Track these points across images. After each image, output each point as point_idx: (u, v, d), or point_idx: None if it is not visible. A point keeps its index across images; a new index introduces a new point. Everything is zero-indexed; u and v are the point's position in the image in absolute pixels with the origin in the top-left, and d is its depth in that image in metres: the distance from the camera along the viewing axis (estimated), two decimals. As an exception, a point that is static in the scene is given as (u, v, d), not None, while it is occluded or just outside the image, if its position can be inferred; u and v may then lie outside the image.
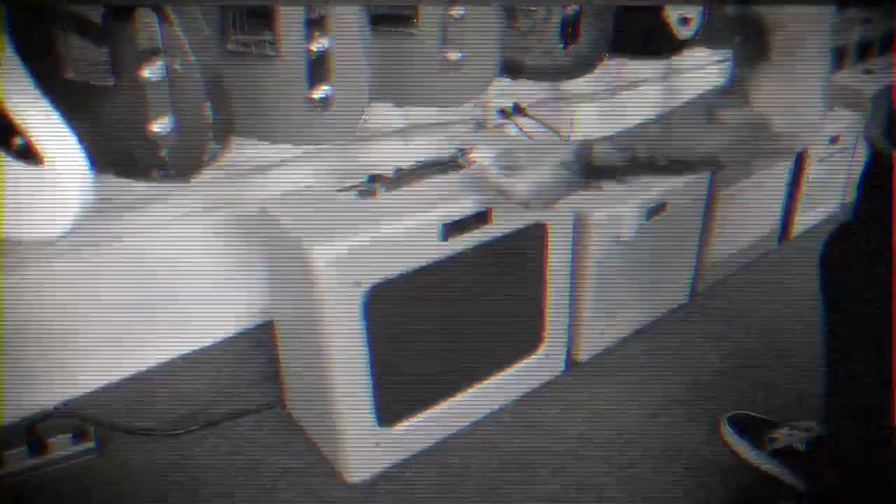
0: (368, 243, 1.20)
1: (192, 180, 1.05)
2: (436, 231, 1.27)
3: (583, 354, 1.72)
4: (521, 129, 1.94)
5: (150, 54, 0.95)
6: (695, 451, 1.46)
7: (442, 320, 1.38)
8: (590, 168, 1.06)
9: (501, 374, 1.53)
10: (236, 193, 1.65)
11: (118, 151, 1.02)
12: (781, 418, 1.46)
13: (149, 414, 1.52)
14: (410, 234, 1.25)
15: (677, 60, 2.26)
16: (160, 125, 0.98)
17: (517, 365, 1.56)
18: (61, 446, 1.40)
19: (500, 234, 1.36)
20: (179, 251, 1.63)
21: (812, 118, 0.86)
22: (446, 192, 1.32)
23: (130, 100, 0.97)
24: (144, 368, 1.65)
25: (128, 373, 1.62)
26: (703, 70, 2.45)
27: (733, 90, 0.87)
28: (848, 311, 1.15)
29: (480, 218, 1.31)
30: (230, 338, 1.77)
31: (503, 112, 1.92)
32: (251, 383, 1.61)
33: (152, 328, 1.63)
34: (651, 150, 0.97)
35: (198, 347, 1.72)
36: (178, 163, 1.02)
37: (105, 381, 1.59)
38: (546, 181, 1.10)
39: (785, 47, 0.83)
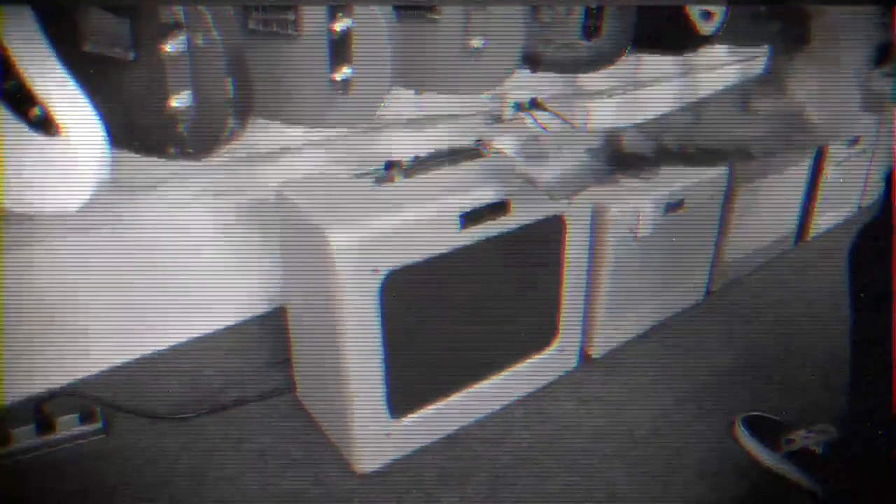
0: (386, 230, 1.18)
1: (207, 159, 1.03)
2: (453, 220, 1.25)
3: (596, 350, 1.70)
4: (537, 122, 1.92)
5: (173, 28, 0.93)
6: (707, 450, 1.44)
7: (456, 311, 1.36)
8: (617, 156, 1.04)
9: (514, 367, 1.52)
10: (248, 178, 1.64)
11: (135, 126, 1.00)
12: (796, 419, 1.44)
13: (157, 397, 1.51)
14: (428, 221, 1.23)
15: (695, 58, 2.23)
16: (179, 100, 0.96)
17: (530, 358, 1.54)
18: (68, 426, 1.39)
19: (517, 226, 1.34)
20: (190, 234, 1.61)
21: (849, 110, 0.84)
22: (464, 182, 1.30)
23: (150, 74, 0.95)
24: (153, 351, 1.64)
25: (136, 355, 1.61)
26: (720, 69, 2.43)
27: (769, 80, 0.85)
28: (864, 310, 1.13)
29: (499, 208, 1.30)
30: (242, 322, 1.76)
31: (519, 105, 1.91)
32: (261, 369, 1.60)
33: (162, 311, 1.61)
34: (681, 138, 0.95)
35: (208, 331, 1.71)
36: (196, 139, 1.00)
37: (114, 363, 1.58)
38: (572, 170, 1.08)
39: (825, 36, 0.81)
